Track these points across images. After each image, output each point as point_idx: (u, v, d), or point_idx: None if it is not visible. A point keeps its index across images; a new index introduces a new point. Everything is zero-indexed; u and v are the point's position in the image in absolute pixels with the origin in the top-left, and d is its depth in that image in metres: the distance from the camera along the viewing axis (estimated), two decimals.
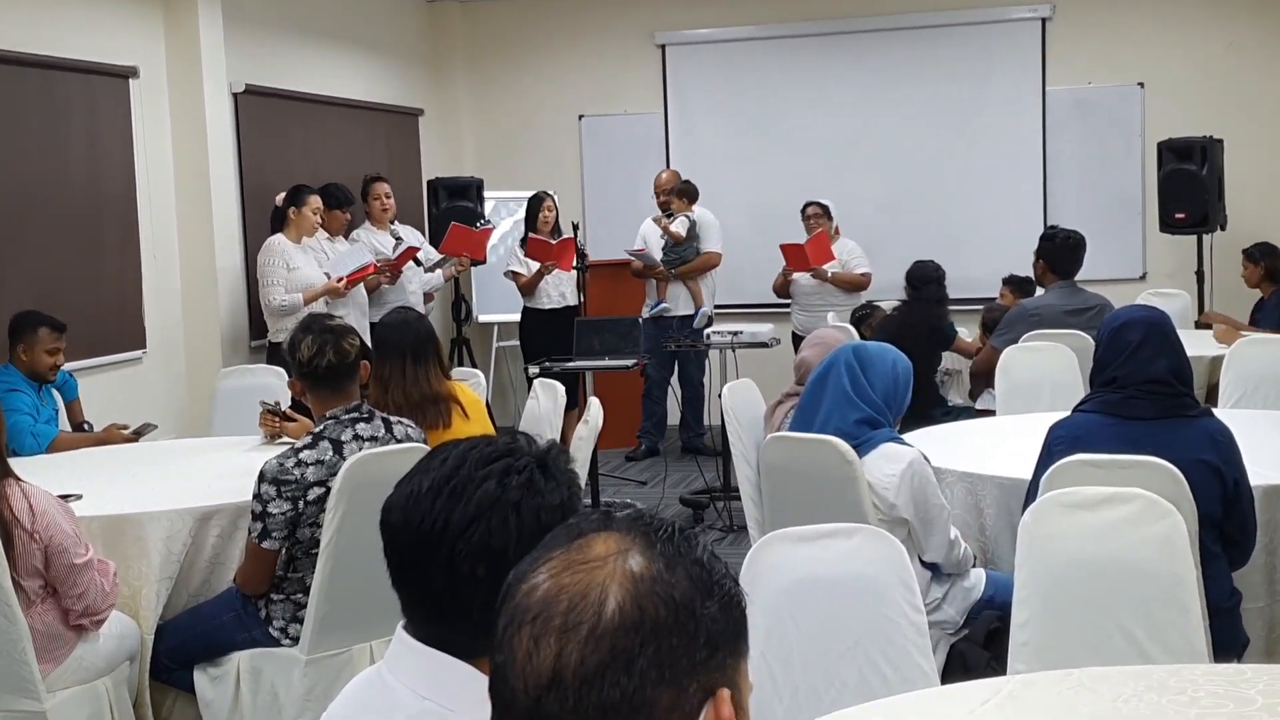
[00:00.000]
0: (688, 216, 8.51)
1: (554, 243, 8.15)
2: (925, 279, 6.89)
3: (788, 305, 8.75)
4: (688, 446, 8.74)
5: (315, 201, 6.94)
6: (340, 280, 6.97)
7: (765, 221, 9.59)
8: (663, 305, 8.51)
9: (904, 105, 9.46)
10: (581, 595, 0.98)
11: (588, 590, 0.98)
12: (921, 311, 6.72)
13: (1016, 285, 7.31)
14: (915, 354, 6.50)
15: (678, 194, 8.56)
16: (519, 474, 1.52)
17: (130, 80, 6.89)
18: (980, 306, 7.48)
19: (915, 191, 9.41)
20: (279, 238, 6.89)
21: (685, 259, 8.54)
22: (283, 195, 7.00)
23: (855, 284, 8.26)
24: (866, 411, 3.74)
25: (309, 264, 6.97)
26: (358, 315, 7.17)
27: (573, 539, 1.04)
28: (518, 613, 1.00)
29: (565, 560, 1.01)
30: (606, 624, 0.97)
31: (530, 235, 8.24)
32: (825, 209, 8.40)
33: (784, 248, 8.22)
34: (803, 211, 8.47)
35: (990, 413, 5.87)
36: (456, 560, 1.47)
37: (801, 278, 8.31)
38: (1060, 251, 6.26)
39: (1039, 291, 6.66)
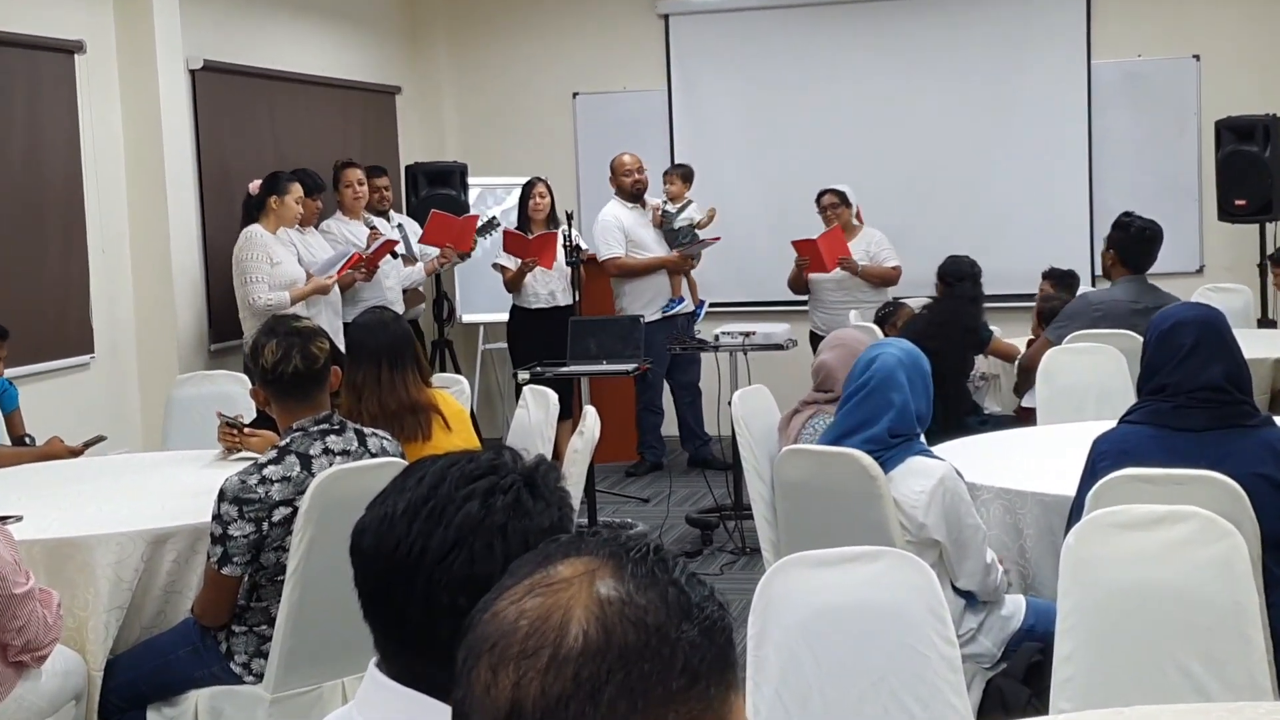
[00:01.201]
0: (693, 201, 8.54)
1: (531, 238, 8.14)
2: (960, 275, 6.90)
3: (805, 303, 8.76)
4: (695, 459, 8.74)
5: (297, 190, 6.96)
6: (330, 278, 7.00)
7: (779, 210, 9.59)
8: (683, 302, 8.51)
9: (934, 81, 9.46)
10: (542, 619, 0.98)
11: (549, 614, 0.98)
12: (955, 310, 6.71)
13: (1058, 279, 7.30)
14: (948, 357, 6.56)
15: (683, 177, 8.56)
16: (504, 494, 1.52)
17: (76, 56, 6.90)
18: (1018, 305, 7.48)
19: (946, 177, 9.41)
20: (258, 229, 6.89)
21: (691, 250, 8.57)
22: (258, 183, 7.00)
23: (884, 278, 8.23)
24: (909, 425, 3.74)
25: (289, 258, 6.98)
26: (330, 315, 7.17)
27: (540, 564, 1.04)
28: (476, 643, 1.00)
29: (529, 585, 1.01)
30: (569, 650, 0.96)
31: (505, 230, 8.26)
32: (842, 196, 8.37)
33: (796, 245, 8.21)
34: (818, 200, 8.43)
35: (1033, 412, 5.86)
36: (435, 590, 1.47)
37: (822, 274, 8.29)
38: (1134, 243, 6.23)
39: (1103, 285, 6.66)
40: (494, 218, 8.61)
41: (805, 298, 8.62)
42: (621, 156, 8.68)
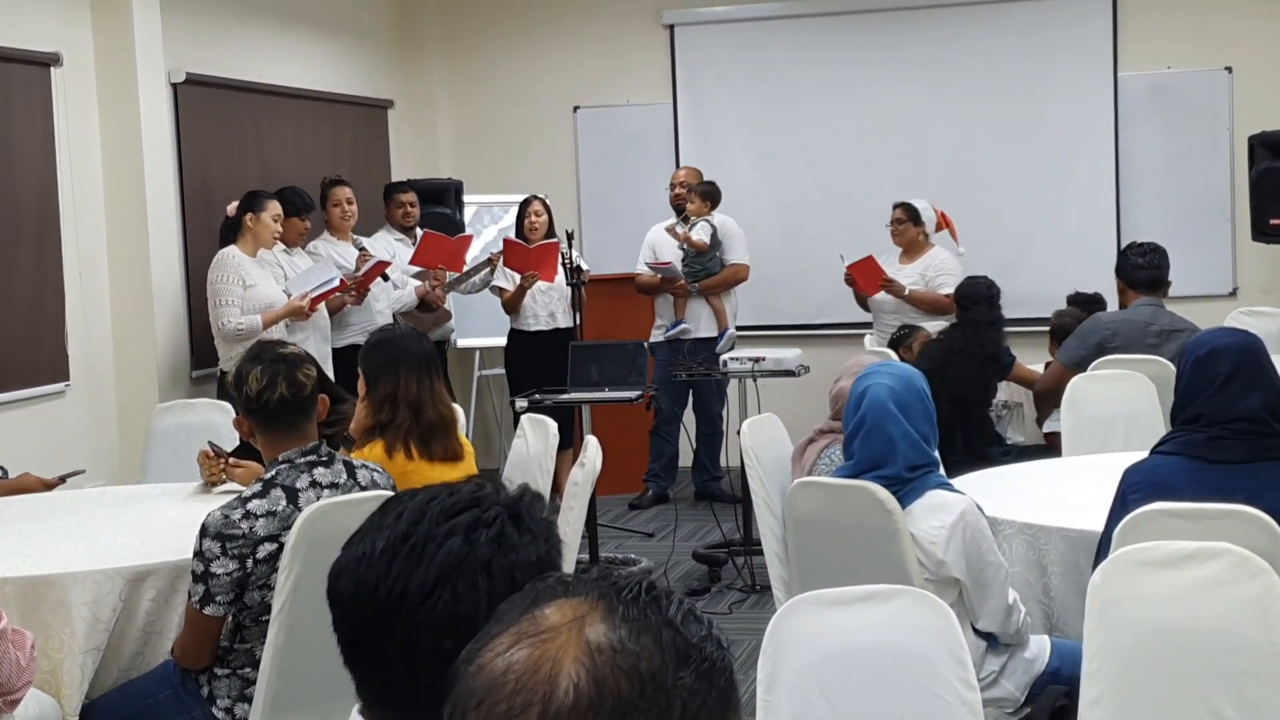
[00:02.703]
0: (708, 222, 8.53)
1: (531, 247, 8.16)
2: (974, 298, 6.90)
3: (818, 327, 8.77)
4: (702, 492, 8.74)
5: (275, 208, 6.96)
6: (305, 298, 6.98)
7: (790, 227, 9.62)
8: (682, 326, 8.51)
9: (952, 94, 9.48)
10: (530, 673, 0.97)
11: (537, 666, 0.97)
12: (972, 335, 6.73)
13: (1083, 305, 7.30)
14: (967, 384, 6.58)
15: (700, 195, 8.56)
16: (488, 527, 1.52)
17: (52, 69, 6.92)
18: (1042, 329, 7.48)
19: (965, 195, 9.40)
20: (233, 250, 6.91)
21: (710, 271, 8.55)
22: (236, 204, 7.02)
23: (935, 305, 8.05)
24: (923, 453, 3.74)
25: (267, 280, 6.99)
26: (318, 341, 7.18)
27: (527, 608, 1.03)
28: (462, 697, 1.00)
29: (516, 634, 1.01)
30: (560, 705, 0.95)
31: (505, 239, 8.26)
32: (912, 212, 8.26)
33: (846, 262, 8.22)
34: (893, 209, 8.38)
35: (1057, 437, 5.87)
36: (417, 633, 1.46)
37: (878, 295, 8.24)
38: (1135, 267, 6.33)
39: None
40: (489, 258, 8.55)
41: (857, 318, 8.60)
42: (677, 170, 8.88)
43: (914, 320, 7.95)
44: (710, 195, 8.57)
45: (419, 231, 8.41)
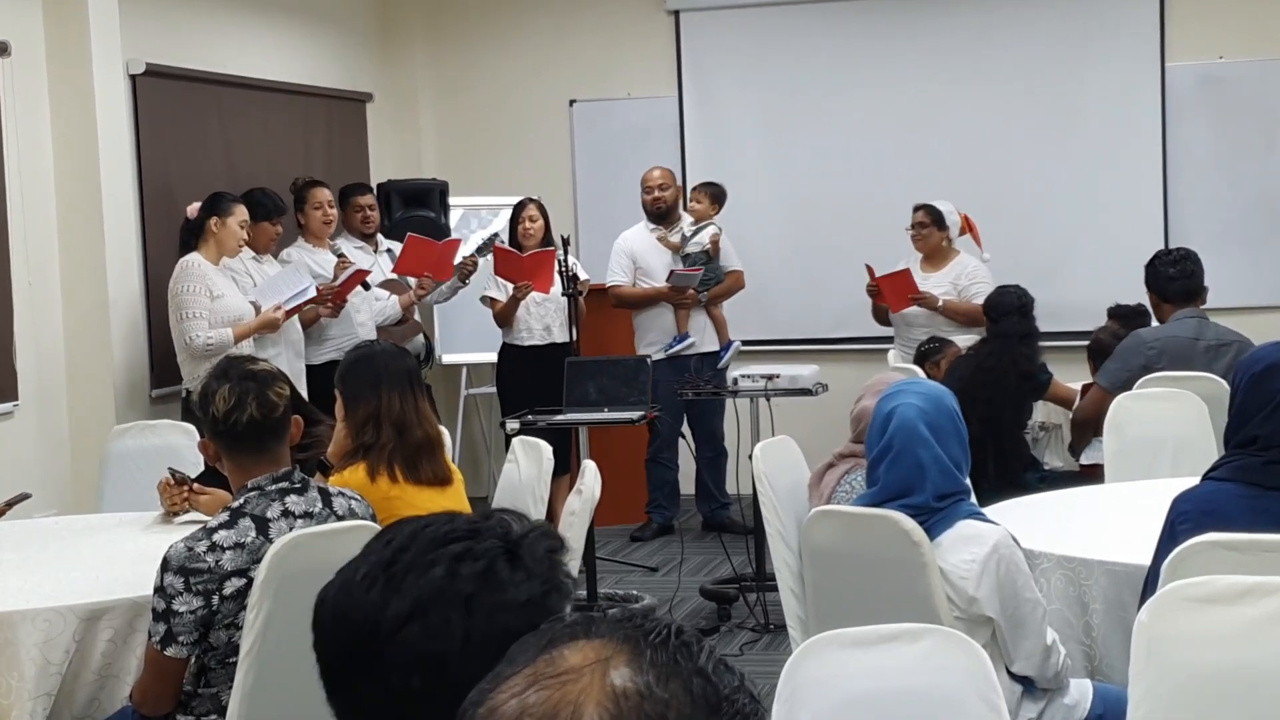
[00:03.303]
0: (716, 226, 8.56)
1: (524, 256, 8.17)
2: (1004, 309, 6.89)
3: (837, 341, 8.78)
4: (710, 522, 8.74)
5: (241, 213, 6.96)
6: (278, 309, 6.98)
7: (805, 231, 9.63)
8: (688, 340, 8.52)
9: (982, 87, 9.49)
10: (549, 716, 0.97)
11: (556, 711, 0.97)
12: (1004, 351, 6.72)
13: (1125, 319, 7.27)
14: (1000, 404, 6.59)
15: (710, 196, 8.56)
16: (476, 560, 1.53)
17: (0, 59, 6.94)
18: (1082, 344, 7.48)
19: (998, 197, 9.42)
20: (196, 258, 6.89)
21: (719, 279, 8.57)
22: (197, 205, 7.02)
23: (970, 317, 7.99)
24: (954, 480, 3.75)
25: (233, 290, 6.98)
26: (291, 357, 7.18)
27: (543, 649, 1.03)
28: None
29: (532, 675, 1.01)
30: None
31: (495, 247, 8.27)
32: (935, 215, 8.26)
33: (871, 273, 8.21)
34: (914, 213, 8.37)
35: (1097, 469, 5.88)
36: (387, 667, 1.48)
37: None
38: (1165, 278, 6.35)
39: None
40: (495, 234, 8.62)
41: (877, 332, 8.58)
42: (650, 170, 8.78)
43: (945, 333, 7.94)
44: (720, 197, 8.59)
45: (380, 239, 8.38)
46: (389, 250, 8.28)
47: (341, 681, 1.51)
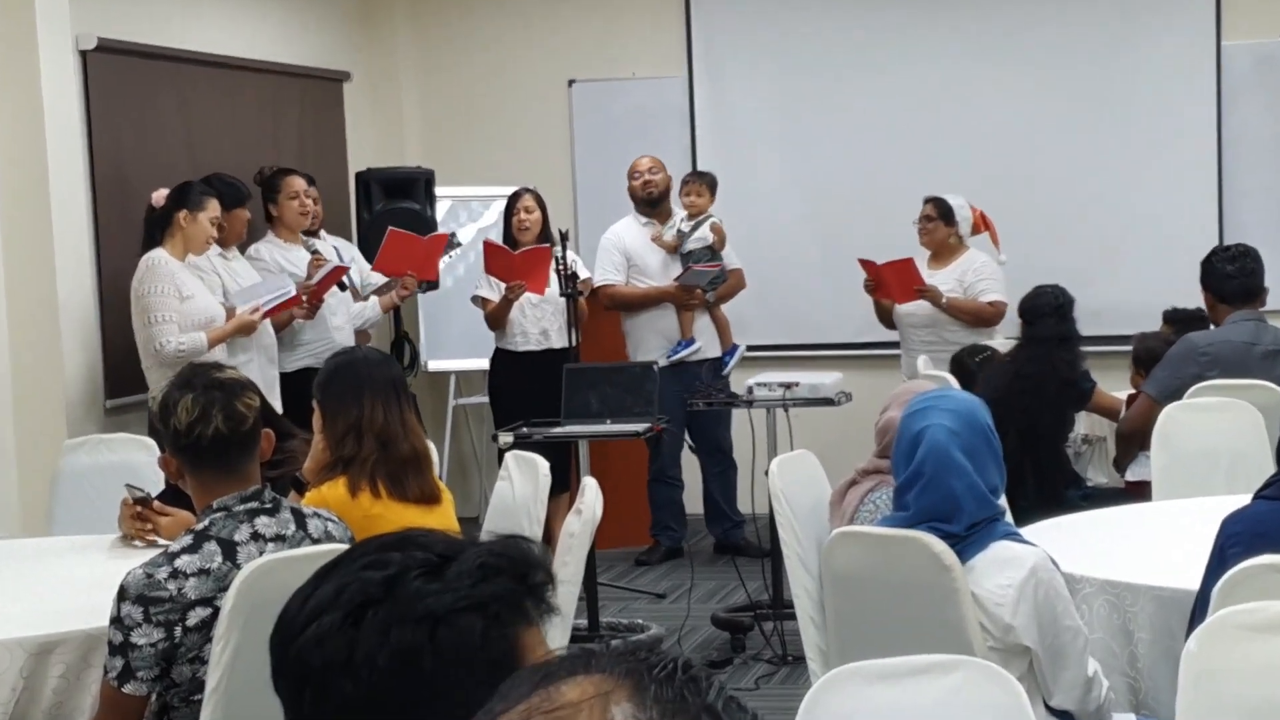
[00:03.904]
0: (715, 218, 8.58)
1: (516, 253, 8.19)
2: (1039, 311, 6.90)
3: (861, 346, 8.78)
4: (723, 544, 8.76)
5: (214, 208, 6.91)
6: (255, 310, 6.98)
7: (826, 227, 9.62)
8: (694, 345, 8.53)
9: (1020, 68, 9.48)
10: None
11: None
12: (1042, 357, 6.73)
13: (1182, 324, 7.27)
14: (1039, 415, 6.60)
15: (709, 187, 8.59)
16: (385, 567, 1.56)
17: None
18: (1129, 347, 7.48)
19: (1038, 188, 9.42)
20: (162, 254, 6.86)
21: (723, 278, 8.61)
22: (163, 193, 6.99)
23: (978, 315, 8.14)
24: (988, 506, 3.77)
25: (202, 290, 6.97)
26: (263, 364, 7.18)
27: (539, 683, 1.04)
28: None
29: (525, 711, 1.01)
30: None
31: (486, 242, 8.27)
32: (944, 209, 8.33)
33: (864, 264, 8.26)
34: (924, 204, 8.44)
35: (1144, 486, 5.89)
36: (290, 677, 1.55)
37: (908, 306, 8.31)
38: (1223, 275, 6.36)
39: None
40: (453, 234, 8.65)
41: (893, 338, 8.61)
42: (638, 158, 8.80)
43: (944, 337, 7.99)
44: (713, 185, 8.61)
45: (323, 235, 8.28)
46: (316, 252, 7.99)
47: (282, 694, 1.56)
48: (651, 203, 8.67)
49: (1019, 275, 8.07)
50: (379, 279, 8.24)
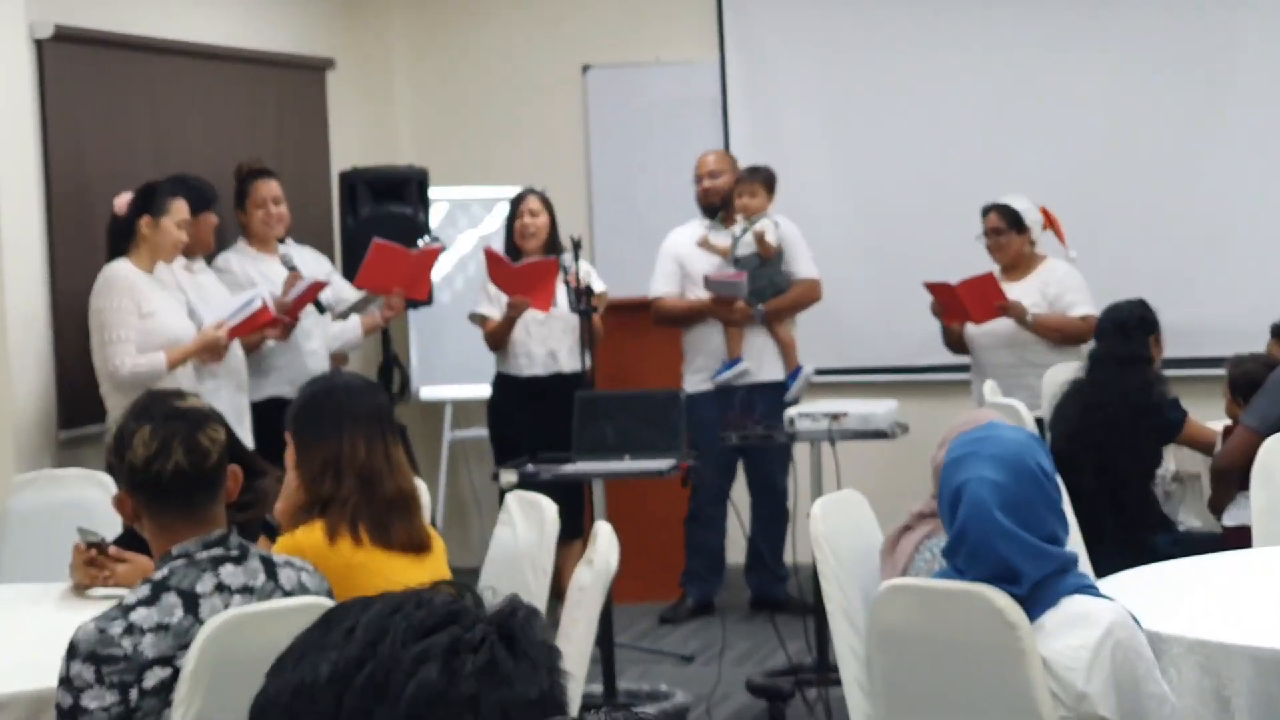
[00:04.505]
0: (772, 220, 8.56)
1: (519, 264, 8.19)
2: (1121, 326, 6.89)
3: (919, 370, 8.74)
4: (761, 599, 8.75)
5: (181, 210, 6.92)
6: (221, 327, 6.99)
7: (879, 235, 9.61)
8: (741, 366, 8.50)
9: (1102, 55, 9.45)
10: None
11: None
12: (1120, 383, 6.71)
13: None
14: (1114, 449, 6.57)
15: (764, 184, 8.57)
16: (474, 652, 1.54)
17: None
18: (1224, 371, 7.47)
19: (1125, 190, 9.39)
20: (125, 266, 6.89)
21: (778, 287, 8.59)
22: (127, 198, 7.01)
23: (1068, 332, 8.13)
24: (1050, 560, 3.77)
25: (169, 306, 6.98)
26: (232, 391, 7.19)
27: None
28: None
29: None
30: None
31: (487, 250, 8.27)
32: (1012, 217, 8.32)
33: (931, 288, 8.25)
34: (983, 217, 8.40)
35: (1244, 532, 5.87)
36: None
37: (985, 325, 8.26)
38: None
39: None
40: (435, 237, 8.65)
41: (966, 360, 8.60)
42: (704, 154, 8.88)
43: (1028, 358, 7.95)
44: (770, 182, 8.60)
45: (289, 243, 8.22)
46: (293, 267, 8.00)
47: None
48: (711, 210, 8.70)
49: (1107, 286, 8.06)
50: (356, 294, 8.21)
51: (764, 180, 8.64)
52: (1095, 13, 9.48)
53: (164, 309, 6.97)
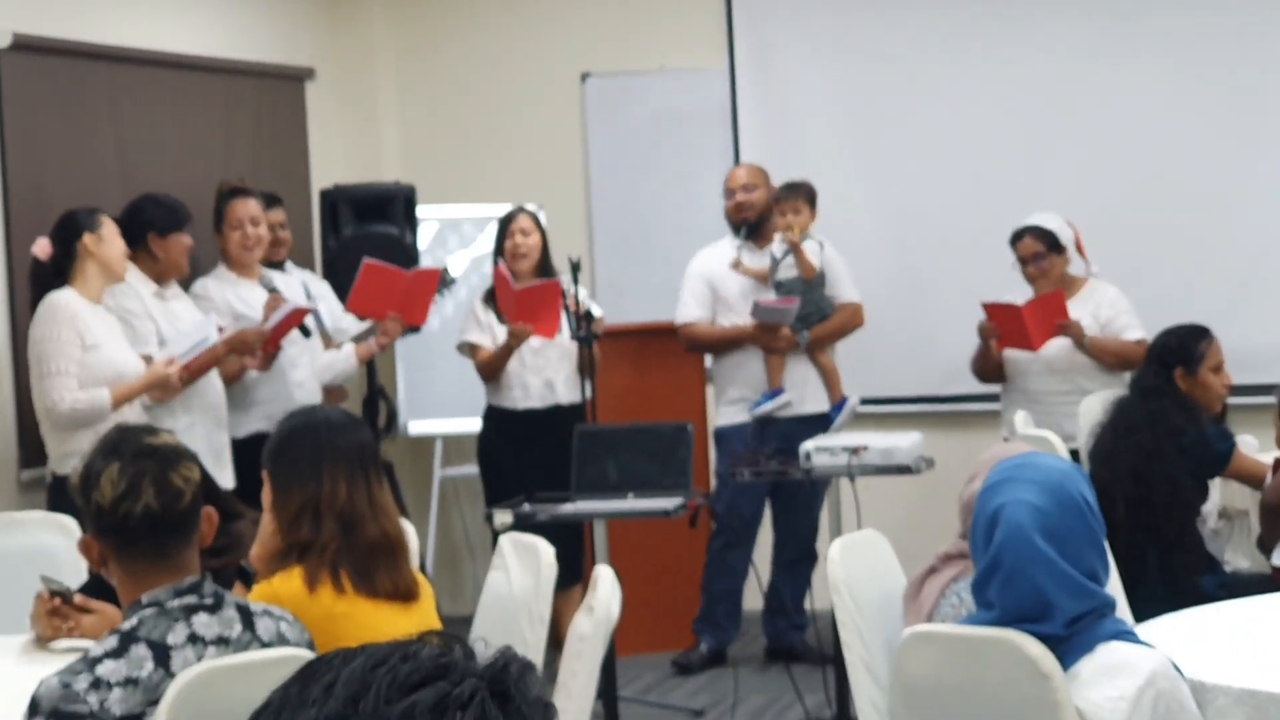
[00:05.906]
0: (816, 240, 8.56)
1: (518, 289, 8.21)
2: (1168, 354, 6.90)
3: (946, 400, 8.74)
4: (776, 648, 8.75)
5: (108, 221, 6.89)
6: (171, 362, 6.97)
7: (903, 256, 9.62)
8: (783, 397, 8.48)
9: (1143, 61, 9.44)
10: None
11: None
12: (1160, 413, 6.72)
13: None
14: (1162, 485, 6.57)
15: (807, 198, 8.54)
16: (463, 709, 1.55)
17: None
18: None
19: (1166, 206, 9.39)
20: (68, 295, 6.86)
21: (823, 313, 8.58)
22: (45, 243, 6.87)
23: (1124, 358, 8.15)
24: (1089, 598, 3.78)
25: (113, 336, 6.92)
26: (210, 427, 7.20)
27: None
28: None
29: None
30: None
31: (498, 270, 8.26)
32: (1049, 239, 8.35)
33: (990, 309, 8.25)
34: (1013, 245, 8.42)
35: None
36: None
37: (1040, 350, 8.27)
38: None
39: None
40: (445, 270, 8.66)
41: (996, 389, 8.61)
42: (734, 169, 8.86)
43: (1080, 385, 7.95)
44: (814, 200, 8.54)
45: (289, 269, 8.27)
46: (304, 285, 8.12)
47: None
48: (747, 227, 8.65)
49: (1150, 310, 8.08)
50: (356, 323, 8.23)
51: (806, 195, 8.56)
52: (1139, 25, 9.42)
53: (108, 342, 6.89)
